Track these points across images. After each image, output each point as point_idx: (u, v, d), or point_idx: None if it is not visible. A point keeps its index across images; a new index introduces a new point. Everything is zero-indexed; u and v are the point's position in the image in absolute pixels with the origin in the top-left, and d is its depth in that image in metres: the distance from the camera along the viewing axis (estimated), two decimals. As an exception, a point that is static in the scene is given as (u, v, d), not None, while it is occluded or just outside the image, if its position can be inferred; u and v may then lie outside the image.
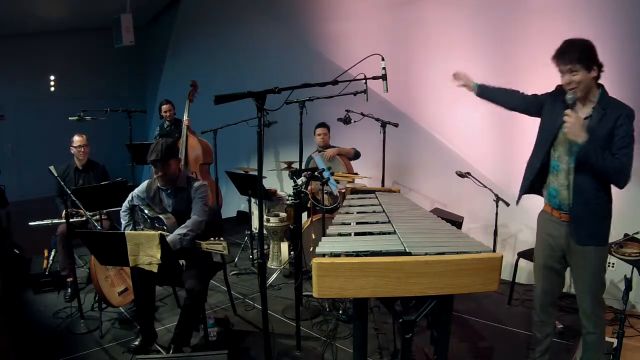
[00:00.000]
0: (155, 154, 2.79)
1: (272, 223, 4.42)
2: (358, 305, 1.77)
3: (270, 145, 6.19)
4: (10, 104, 7.55)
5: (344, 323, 3.27)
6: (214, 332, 3.10)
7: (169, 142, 2.89)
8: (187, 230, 2.76)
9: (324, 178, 3.16)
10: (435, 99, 4.53)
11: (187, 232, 2.76)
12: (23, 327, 3.33)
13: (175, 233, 2.76)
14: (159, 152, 2.79)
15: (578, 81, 2.06)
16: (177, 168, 2.96)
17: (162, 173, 2.84)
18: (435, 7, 4.43)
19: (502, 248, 4.08)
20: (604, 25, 3.35)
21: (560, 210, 2.24)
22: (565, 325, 3.10)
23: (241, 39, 6.56)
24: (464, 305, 3.54)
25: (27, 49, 7.54)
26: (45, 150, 6.55)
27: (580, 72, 2.05)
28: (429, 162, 4.67)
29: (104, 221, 3.65)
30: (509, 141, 4.01)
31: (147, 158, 2.84)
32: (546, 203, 2.35)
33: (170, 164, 2.86)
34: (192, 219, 2.84)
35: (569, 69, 2.06)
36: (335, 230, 2.09)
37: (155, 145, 2.84)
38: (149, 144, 4.64)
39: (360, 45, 4.91)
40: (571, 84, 2.07)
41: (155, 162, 2.81)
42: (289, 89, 2.05)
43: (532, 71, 3.71)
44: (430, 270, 1.54)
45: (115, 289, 3.20)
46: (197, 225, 2.82)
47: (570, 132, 2.03)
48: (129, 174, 4.20)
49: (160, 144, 2.83)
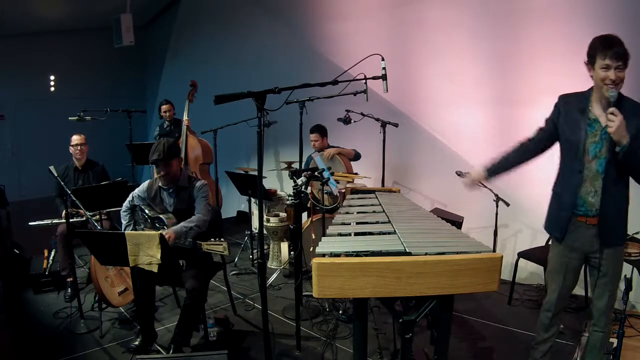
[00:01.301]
0: (158, 153, 2.79)
1: (272, 223, 4.42)
2: (358, 305, 1.77)
3: (270, 145, 6.19)
4: (10, 104, 7.54)
5: (344, 323, 3.26)
6: (214, 332, 3.10)
7: (170, 142, 2.89)
8: (192, 224, 2.77)
9: (324, 178, 3.16)
10: (435, 99, 4.53)
11: (193, 227, 2.77)
12: (23, 327, 3.34)
13: (181, 224, 2.76)
14: (161, 152, 2.79)
15: (622, 79, 2.01)
16: (179, 168, 2.97)
17: (164, 173, 2.84)
18: (435, 7, 4.43)
19: (502, 248, 4.08)
20: (603, 25, 3.34)
21: (586, 216, 2.19)
22: (565, 325, 3.10)
23: (241, 39, 6.56)
24: (464, 305, 3.54)
25: (27, 49, 7.53)
26: (45, 150, 6.54)
27: (624, 69, 2.00)
28: (429, 162, 4.67)
29: (104, 221, 3.65)
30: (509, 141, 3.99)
31: (149, 158, 2.84)
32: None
33: (172, 163, 2.86)
34: (197, 216, 2.85)
35: (619, 65, 1.98)
36: (335, 230, 2.09)
37: (157, 145, 2.84)
38: (149, 144, 4.66)
39: (360, 45, 4.90)
40: (616, 80, 2.00)
41: (157, 161, 2.81)
42: (289, 89, 2.05)
43: (532, 71, 3.72)
44: (430, 270, 1.54)
45: (115, 289, 3.19)
46: (202, 222, 2.83)
47: (615, 132, 1.95)
48: (129, 174, 4.20)
49: (162, 144, 2.83)
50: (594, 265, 2.25)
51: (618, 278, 2.25)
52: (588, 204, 2.17)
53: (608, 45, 1.99)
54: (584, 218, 2.20)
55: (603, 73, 2.01)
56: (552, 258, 2.40)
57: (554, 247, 2.39)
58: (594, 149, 2.12)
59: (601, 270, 2.21)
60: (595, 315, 2.26)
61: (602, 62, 2.00)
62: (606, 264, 2.19)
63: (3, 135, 7.58)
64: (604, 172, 2.10)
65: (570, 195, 2.20)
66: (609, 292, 2.22)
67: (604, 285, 2.23)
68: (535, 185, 3.49)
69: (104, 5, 6.82)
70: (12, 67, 7.42)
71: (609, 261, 2.19)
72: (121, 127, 4.43)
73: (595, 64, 2.04)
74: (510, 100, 3.96)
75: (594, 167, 2.13)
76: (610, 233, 2.16)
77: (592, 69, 2.07)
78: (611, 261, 2.19)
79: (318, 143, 4.37)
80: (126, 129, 4.16)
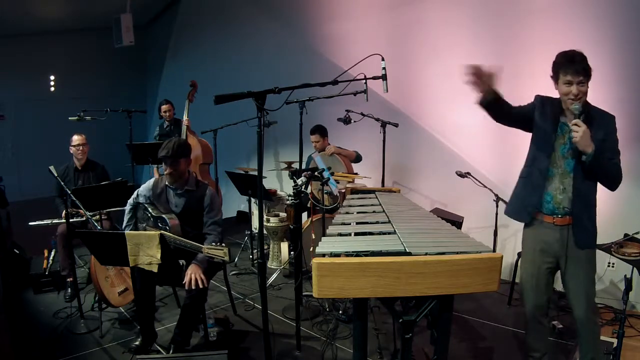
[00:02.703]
0: (167, 150, 2.81)
1: (272, 223, 4.42)
2: (358, 305, 1.77)
3: (270, 145, 6.20)
4: (10, 104, 7.56)
5: (344, 323, 3.27)
6: (214, 332, 3.10)
7: (181, 141, 2.92)
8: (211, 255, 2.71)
9: (324, 178, 3.16)
10: (435, 99, 4.53)
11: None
12: (23, 327, 3.34)
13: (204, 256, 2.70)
14: (169, 150, 2.81)
15: (584, 92, 2.10)
16: (187, 169, 2.97)
17: (170, 170, 2.85)
18: (435, 7, 4.43)
19: (502, 248, 4.08)
20: (603, 25, 3.36)
21: (553, 215, 2.23)
22: (565, 325, 3.10)
23: (241, 39, 6.56)
24: (464, 305, 3.54)
25: (27, 49, 7.54)
26: (45, 150, 6.56)
27: (586, 84, 2.09)
28: (429, 162, 4.67)
29: (104, 221, 3.65)
30: (509, 141, 4.00)
31: (159, 153, 2.85)
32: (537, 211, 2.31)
33: (180, 162, 2.87)
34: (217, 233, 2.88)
35: (580, 80, 2.07)
36: (335, 230, 2.09)
37: (167, 142, 2.86)
38: (149, 144, 4.66)
39: (360, 45, 4.91)
40: (579, 94, 2.09)
41: (165, 157, 2.82)
42: (289, 89, 2.05)
43: (531, 71, 3.71)
44: (430, 270, 1.54)
45: (115, 289, 3.20)
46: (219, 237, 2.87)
47: (580, 142, 2.04)
48: (129, 174, 4.20)
49: (173, 142, 2.86)
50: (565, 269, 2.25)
51: (593, 283, 2.26)
52: (555, 200, 2.21)
53: (569, 62, 2.08)
54: (551, 218, 2.23)
55: (566, 88, 2.12)
56: (522, 269, 2.42)
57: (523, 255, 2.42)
58: (563, 149, 2.20)
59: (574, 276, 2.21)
60: (578, 325, 2.26)
61: (564, 78, 2.11)
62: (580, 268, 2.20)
63: (3, 135, 7.60)
64: (572, 171, 2.17)
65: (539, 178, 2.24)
66: (586, 299, 2.21)
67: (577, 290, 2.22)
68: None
69: (104, 5, 6.82)
70: (12, 67, 7.44)
71: (582, 265, 2.20)
72: (121, 127, 4.43)
73: (558, 80, 2.15)
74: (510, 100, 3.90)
75: (563, 165, 2.20)
76: (583, 235, 2.19)
77: (556, 83, 2.17)
78: (581, 263, 2.20)
79: (319, 144, 4.37)
80: (126, 129, 4.16)
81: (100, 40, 7.63)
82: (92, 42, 8.04)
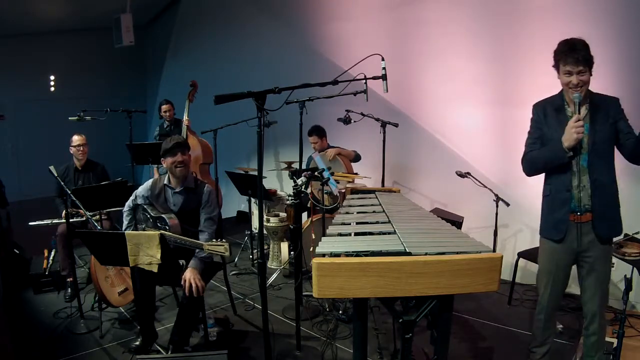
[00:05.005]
0: (177, 140, 2.86)
1: (272, 223, 4.42)
2: (358, 305, 1.77)
3: (270, 145, 6.19)
4: (10, 104, 7.54)
5: (344, 323, 3.26)
6: (214, 332, 3.10)
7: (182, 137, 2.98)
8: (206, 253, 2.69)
9: (324, 178, 3.16)
10: (435, 99, 4.53)
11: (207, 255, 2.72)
12: (23, 327, 3.34)
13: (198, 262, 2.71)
14: (178, 139, 2.86)
15: (585, 81, 2.08)
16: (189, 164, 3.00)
17: (184, 157, 2.86)
18: (435, 7, 4.43)
19: (502, 248, 4.08)
20: (603, 25, 3.35)
21: (574, 213, 2.20)
22: (565, 326, 3.10)
23: (241, 39, 6.56)
24: (464, 305, 3.54)
25: (27, 49, 7.54)
26: (45, 150, 6.55)
27: (587, 72, 2.07)
28: (429, 162, 4.67)
29: (104, 221, 3.65)
30: (509, 141, 4.01)
31: (164, 147, 2.85)
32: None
33: (189, 154, 2.92)
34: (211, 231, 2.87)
35: (580, 70, 2.06)
36: (335, 230, 2.09)
37: (172, 136, 2.92)
38: (149, 144, 4.67)
39: (360, 45, 4.91)
40: (579, 84, 2.07)
41: (178, 144, 2.83)
42: (289, 89, 2.04)
43: (531, 71, 3.72)
44: (430, 270, 1.54)
45: (115, 289, 3.20)
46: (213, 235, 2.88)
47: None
48: (129, 174, 4.20)
49: (177, 136, 2.93)
50: (583, 265, 2.25)
51: (608, 278, 2.27)
52: (575, 198, 2.20)
53: (569, 51, 2.07)
54: (572, 216, 2.23)
55: (566, 78, 2.11)
56: (542, 259, 2.41)
57: (544, 247, 2.39)
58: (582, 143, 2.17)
59: (593, 270, 2.22)
60: (589, 318, 2.26)
61: (564, 68, 2.10)
62: (596, 262, 2.21)
63: (3, 135, 7.59)
64: (588, 166, 2.16)
65: (562, 192, 2.22)
66: (600, 292, 2.23)
67: (594, 286, 2.23)
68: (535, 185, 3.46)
69: (104, 5, 6.82)
70: (12, 67, 7.44)
71: (598, 259, 2.21)
72: (121, 127, 4.43)
73: (559, 69, 2.14)
74: (510, 100, 3.96)
75: (579, 162, 2.18)
76: (605, 227, 2.19)
77: (558, 72, 2.16)
78: (601, 259, 2.21)
79: (318, 144, 4.37)
80: (126, 129, 4.16)
81: (100, 40, 7.63)
82: (92, 42, 8.03)
